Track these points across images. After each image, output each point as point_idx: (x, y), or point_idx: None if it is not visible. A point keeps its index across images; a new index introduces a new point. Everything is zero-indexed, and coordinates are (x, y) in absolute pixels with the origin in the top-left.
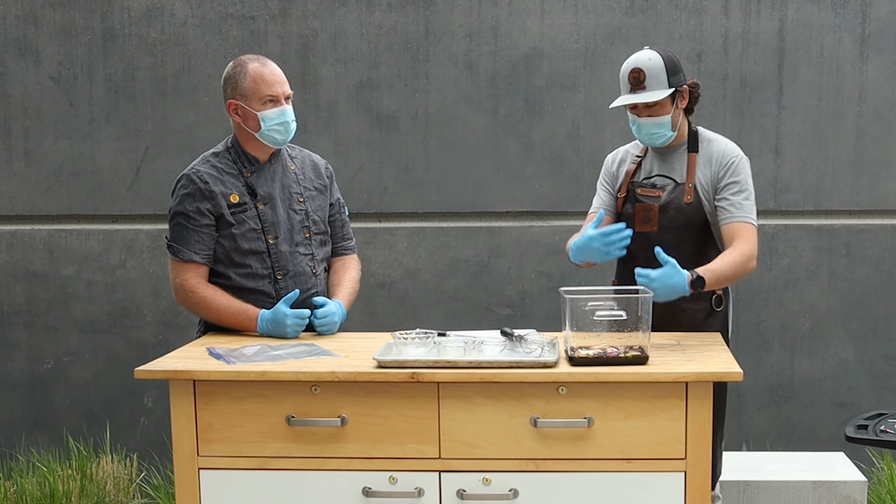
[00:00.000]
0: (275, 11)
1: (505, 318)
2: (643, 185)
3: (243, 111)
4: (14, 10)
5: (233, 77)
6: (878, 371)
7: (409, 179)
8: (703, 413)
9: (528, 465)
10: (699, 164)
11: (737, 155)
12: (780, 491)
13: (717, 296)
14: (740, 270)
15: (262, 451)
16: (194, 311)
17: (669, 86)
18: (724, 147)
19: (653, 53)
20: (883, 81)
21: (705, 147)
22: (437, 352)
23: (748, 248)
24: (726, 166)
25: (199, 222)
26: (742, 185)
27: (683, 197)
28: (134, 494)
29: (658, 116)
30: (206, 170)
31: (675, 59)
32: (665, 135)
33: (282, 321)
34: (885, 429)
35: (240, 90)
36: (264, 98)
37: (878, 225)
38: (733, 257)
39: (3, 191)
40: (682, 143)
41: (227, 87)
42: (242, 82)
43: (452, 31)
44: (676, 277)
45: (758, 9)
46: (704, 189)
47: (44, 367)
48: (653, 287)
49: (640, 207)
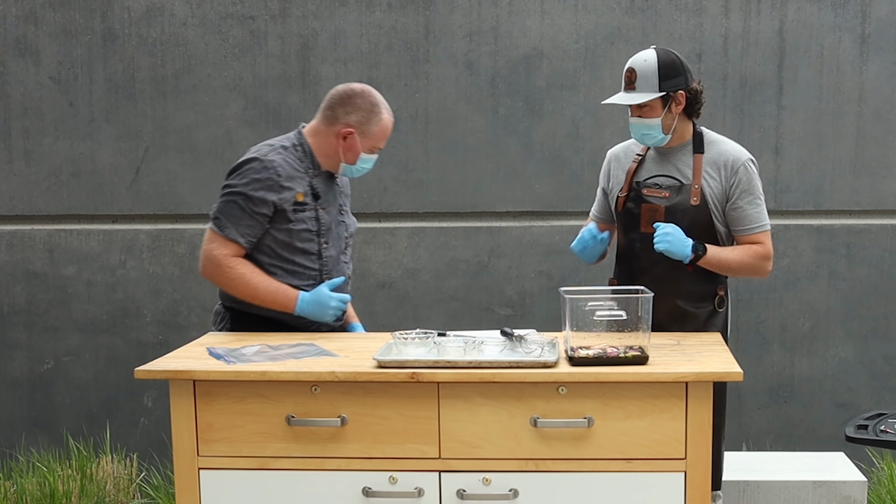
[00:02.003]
0: (275, 11)
1: (505, 318)
2: (648, 186)
3: (352, 143)
4: (14, 10)
5: (364, 111)
6: (878, 371)
7: (409, 179)
8: (703, 413)
9: (528, 465)
10: (705, 166)
11: (745, 160)
12: (780, 491)
13: (720, 296)
14: (747, 267)
15: (262, 451)
16: (223, 286)
17: (661, 89)
18: (732, 151)
19: (651, 55)
20: (883, 81)
21: (711, 149)
22: (437, 352)
23: (762, 250)
24: (737, 173)
25: (257, 210)
26: (753, 192)
27: (690, 199)
28: (134, 494)
29: (647, 118)
30: (280, 161)
31: (678, 62)
32: (655, 136)
33: (325, 303)
34: (885, 429)
35: (364, 127)
36: (375, 148)
37: (878, 225)
38: (743, 252)
39: (3, 191)
40: (686, 144)
41: (353, 114)
42: (372, 124)
43: (452, 31)
44: (684, 237)
45: (758, 9)
46: (713, 194)
47: (44, 367)
48: (667, 231)
49: (647, 208)
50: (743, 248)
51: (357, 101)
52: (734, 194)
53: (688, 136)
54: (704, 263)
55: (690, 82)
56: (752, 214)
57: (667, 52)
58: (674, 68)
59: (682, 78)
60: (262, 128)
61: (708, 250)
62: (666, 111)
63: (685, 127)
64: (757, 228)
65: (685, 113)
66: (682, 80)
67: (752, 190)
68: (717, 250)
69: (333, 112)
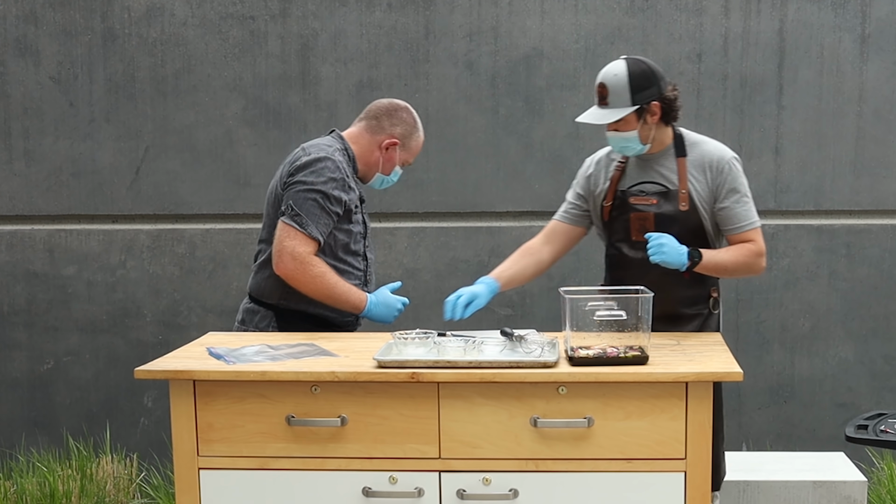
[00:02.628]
0: (275, 11)
1: (505, 318)
2: (634, 194)
3: (392, 154)
4: (14, 10)
5: (408, 125)
6: (878, 371)
7: (409, 179)
8: (703, 413)
9: (528, 465)
10: (690, 169)
11: (729, 158)
12: (780, 491)
13: (714, 298)
14: (742, 266)
15: (262, 451)
16: (300, 283)
17: (633, 103)
18: (715, 151)
19: (620, 68)
20: (883, 81)
21: (693, 151)
22: (437, 352)
23: (755, 247)
24: (722, 172)
25: (333, 208)
26: (740, 191)
27: (679, 204)
28: (134, 494)
29: (624, 132)
30: (345, 164)
31: (649, 71)
32: (634, 148)
33: (392, 304)
34: (885, 429)
35: (407, 141)
36: (407, 162)
37: (878, 225)
38: (737, 252)
39: (3, 191)
40: (668, 149)
41: (398, 126)
42: (413, 139)
43: (452, 31)
44: (679, 245)
45: (758, 9)
46: (701, 197)
47: (44, 367)
48: (661, 243)
49: (636, 217)
50: (736, 248)
51: (403, 115)
52: (721, 194)
53: (668, 140)
54: (701, 269)
55: (664, 90)
56: (741, 213)
57: (637, 63)
58: (645, 79)
59: (654, 88)
60: (262, 128)
61: (703, 255)
62: (641, 123)
63: (664, 132)
64: (747, 226)
65: (662, 120)
66: (655, 90)
67: (739, 188)
68: (712, 254)
69: (379, 122)
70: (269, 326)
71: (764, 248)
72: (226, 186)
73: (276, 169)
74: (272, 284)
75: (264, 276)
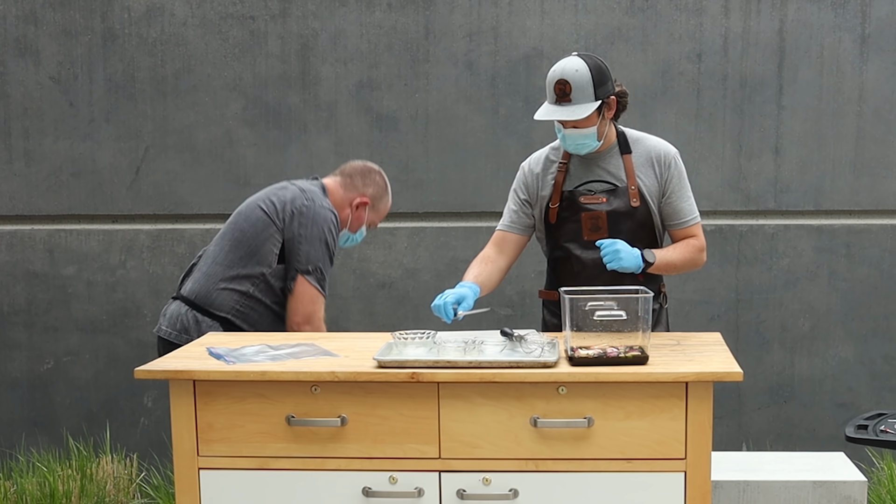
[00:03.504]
0: (275, 11)
1: (505, 318)
2: (583, 193)
3: (361, 213)
4: (14, 10)
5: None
6: (878, 371)
7: (409, 179)
8: (703, 413)
9: (528, 465)
10: (636, 165)
11: (674, 153)
12: (780, 491)
13: (663, 293)
14: (689, 263)
15: (262, 451)
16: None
17: (596, 98)
18: (660, 146)
19: (580, 63)
20: (883, 81)
21: (638, 147)
22: (437, 352)
23: (698, 242)
24: (669, 167)
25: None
26: (684, 185)
27: (629, 201)
28: (134, 494)
29: (584, 129)
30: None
31: (603, 66)
32: (591, 145)
33: None
34: (885, 429)
35: (377, 203)
36: (373, 224)
37: (878, 225)
38: (683, 249)
39: (3, 191)
40: (612, 146)
41: (370, 186)
42: (383, 202)
43: (452, 31)
44: (632, 249)
45: (758, 9)
46: (650, 192)
47: (44, 367)
48: (616, 249)
49: (588, 216)
50: (682, 244)
51: (376, 178)
52: (668, 189)
53: (613, 138)
54: (654, 270)
55: (615, 86)
56: (685, 208)
57: (592, 58)
58: (603, 74)
59: (610, 83)
60: (261, 128)
61: (656, 256)
62: (600, 119)
63: (612, 129)
64: (690, 221)
65: (614, 116)
66: (611, 85)
67: (683, 183)
68: (662, 254)
69: (353, 181)
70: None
71: (705, 243)
72: (226, 186)
73: (276, 169)
74: (232, 300)
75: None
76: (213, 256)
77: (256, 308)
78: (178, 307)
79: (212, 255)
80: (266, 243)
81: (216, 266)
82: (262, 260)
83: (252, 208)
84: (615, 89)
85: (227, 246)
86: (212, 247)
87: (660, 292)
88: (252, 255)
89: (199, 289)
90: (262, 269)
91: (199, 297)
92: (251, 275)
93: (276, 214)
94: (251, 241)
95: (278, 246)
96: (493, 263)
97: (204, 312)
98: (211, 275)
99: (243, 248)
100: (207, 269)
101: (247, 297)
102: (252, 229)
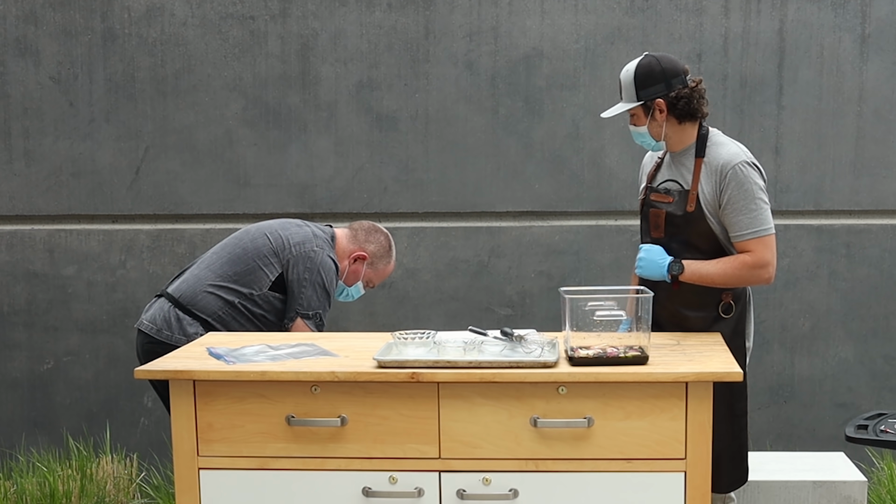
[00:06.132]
0: (275, 11)
1: (505, 318)
2: (657, 191)
3: (358, 267)
4: (14, 10)
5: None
6: (878, 371)
7: (409, 179)
8: (703, 413)
9: (528, 465)
10: (703, 171)
11: (736, 164)
12: (780, 491)
13: (726, 303)
14: (733, 278)
15: (262, 451)
16: None
17: (638, 99)
18: (725, 156)
19: (633, 64)
20: (883, 81)
21: (710, 153)
22: (437, 352)
23: (750, 259)
24: (725, 178)
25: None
26: (744, 198)
27: (687, 204)
28: (134, 494)
29: (637, 126)
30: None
31: (659, 69)
32: (650, 143)
33: None
34: (885, 429)
35: (377, 262)
36: (371, 283)
37: (878, 225)
38: (726, 264)
39: (3, 191)
40: (690, 147)
41: (372, 244)
42: (384, 262)
43: (452, 31)
44: (661, 256)
45: (758, 9)
46: (708, 202)
47: (44, 367)
48: (640, 257)
49: (652, 213)
50: (727, 259)
51: (380, 238)
52: (724, 200)
53: (690, 139)
54: (686, 279)
55: (674, 88)
56: (741, 221)
57: (650, 60)
58: (651, 77)
59: (661, 85)
60: (262, 128)
61: (686, 268)
62: (650, 119)
63: (685, 130)
64: (747, 235)
65: (676, 117)
66: (662, 87)
67: (744, 195)
68: (696, 266)
69: (356, 235)
70: (197, 334)
71: (765, 259)
72: (226, 186)
73: (275, 169)
74: (216, 305)
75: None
76: (209, 264)
77: (238, 318)
78: (162, 304)
79: (206, 262)
80: (263, 269)
81: (208, 272)
82: (254, 282)
83: (261, 233)
84: (670, 91)
85: (226, 258)
86: (209, 254)
87: (720, 301)
88: (246, 275)
89: (185, 289)
90: (251, 290)
91: (184, 296)
92: (240, 291)
93: (281, 250)
94: (250, 262)
95: (274, 275)
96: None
97: (186, 311)
98: (201, 278)
99: (240, 265)
100: (199, 272)
101: (231, 307)
102: (255, 252)
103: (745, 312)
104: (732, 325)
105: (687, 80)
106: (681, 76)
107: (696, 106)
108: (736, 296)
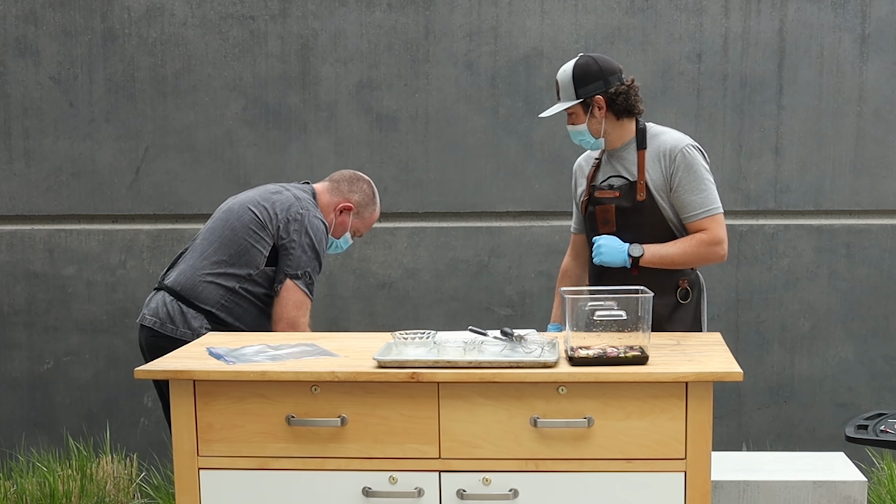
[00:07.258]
0: (275, 11)
1: (505, 318)
2: (601, 188)
3: (345, 218)
4: (14, 10)
5: (366, 195)
6: (878, 371)
7: (409, 179)
8: (704, 413)
9: (528, 465)
10: (648, 160)
11: (683, 147)
12: (780, 491)
13: (683, 288)
14: (693, 257)
15: (262, 451)
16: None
17: (578, 97)
18: (670, 141)
19: (570, 64)
20: (883, 81)
21: (653, 142)
22: (437, 352)
23: (706, 236)
24: (674, 161)
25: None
26: (694, 178)
27: (636, 195)
28: (134, 494)
29: (576, 125)
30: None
31: (596, 67)
32: (589, 140)
33: None
34: (885, 429)
35: (362, 210)
36: (359, 232)
37: (878, 225)
38: (685, 243)
39: (3, 191)
40: (630, 142)
41: (356, 193)
42: (369, 210)
43: (452, 31)
44: (619, 243)
45: (758, 9)
46: (657, 186)
47: (44, 367)
48: (599, 244)
49: (600, 210)
50: (686, 238)
51: (363, 186)
52: (674, 183)
53: (629, 134)
54: (647, 263)
55: (612, 85)
56: (693, 201)
57: (587, 59)
58: (589, 75)
59: (599, 82)
60: (262, 128)
61: (645, 251)
62: (589, 116)
63: (623, 126)
64: (700, 214)
65: (614, 113)
66: (601, 84)
67: (693, 176)
68: (656, 248)
69: (339, 187)
70: (203, 328)
71: (721, 236)
72: (226, 186)
73: (276, 169)
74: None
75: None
76: (201, 251)
77: (241, 303)
78: (163, 297)
79: (199, 250)
80: (255, 246)
81: (203, 261)
82: (249, 262)
83: (245, 208)
84: (606, 89)
85: (217, 243)
86: (199, 241)
87: (677, 287)
88: (240, 256)
89: (184, 280)
90: (249, 270)
91: (184, 289)
92: (237, 274)
93: (269, 220)
94: (241, 242)
95: (268, 250)
96: (571, 278)
97: (189, 304)
98: (197, 268)
99: (232, 247)
100: (194, 262)
101: (232, 293)
102: (243, 230)
103: (700, 299)
104: (692, 313)
105: (623, 79)
106: (617, 74)
107: (633, 102)
108: (691, 282)
